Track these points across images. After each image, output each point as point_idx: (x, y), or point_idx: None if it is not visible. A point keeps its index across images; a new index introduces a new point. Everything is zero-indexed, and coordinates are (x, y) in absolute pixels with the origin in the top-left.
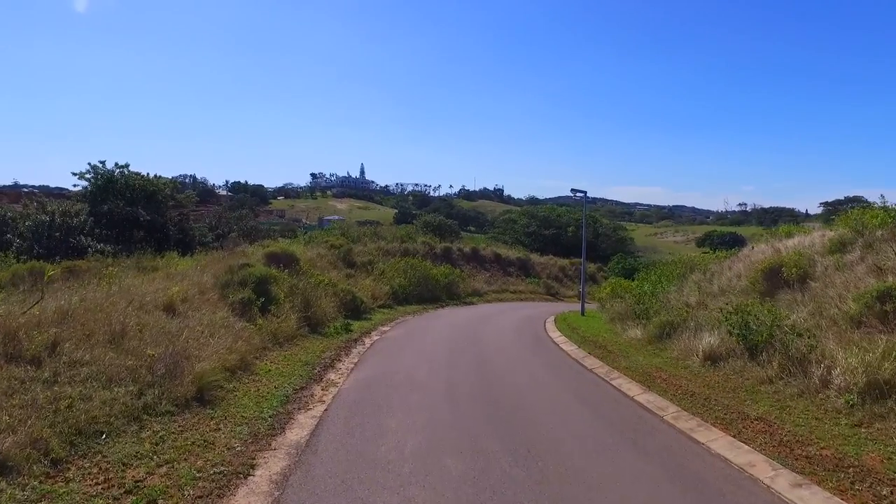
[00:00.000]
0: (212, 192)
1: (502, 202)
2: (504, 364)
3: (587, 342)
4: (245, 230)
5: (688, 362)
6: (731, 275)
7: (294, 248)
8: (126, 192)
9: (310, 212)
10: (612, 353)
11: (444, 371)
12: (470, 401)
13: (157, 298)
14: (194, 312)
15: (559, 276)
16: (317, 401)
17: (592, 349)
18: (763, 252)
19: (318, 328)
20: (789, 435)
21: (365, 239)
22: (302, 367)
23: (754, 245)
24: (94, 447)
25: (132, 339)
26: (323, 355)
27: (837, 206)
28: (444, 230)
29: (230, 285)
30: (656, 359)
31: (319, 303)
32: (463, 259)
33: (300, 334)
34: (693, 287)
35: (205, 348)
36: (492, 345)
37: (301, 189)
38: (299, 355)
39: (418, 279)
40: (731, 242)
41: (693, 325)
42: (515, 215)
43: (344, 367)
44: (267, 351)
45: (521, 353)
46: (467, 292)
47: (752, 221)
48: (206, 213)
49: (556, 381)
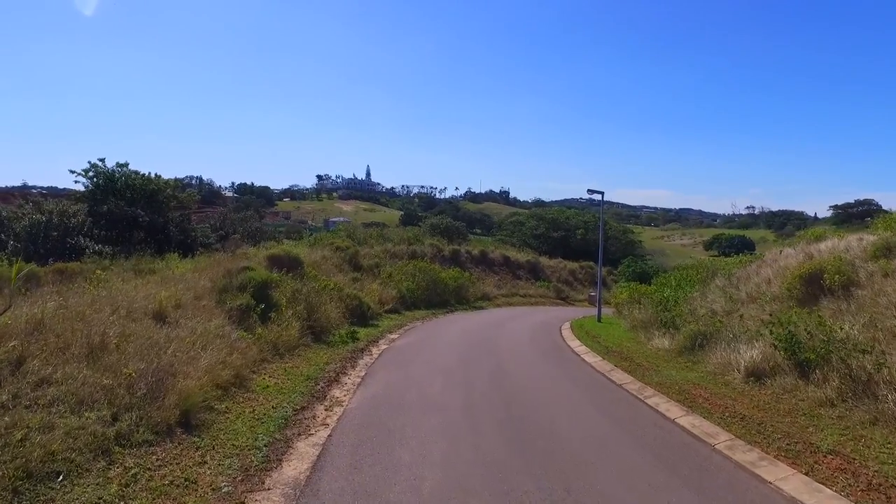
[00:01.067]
0: (218, 193)
1: (508, 204)
2: (525, 379)
3: (611, 353)
4: (249, 232)
5: (727, 378)
6: (758, 280)
7: (298, 250)
8: (126, 192)
9: (315, 213)
10: (641, 365)
11: (460, 387)
12: (493, 426)
13: (146, 305)
14: (187, 320)
15: (569, 279)
16: (319, 424)
17: (618, 361)
18: (792, 256)
19: (323, 336)
20: (878, 476)
21: (371, 241)
22: (304, 383)
23: (782, 249)
24: (44, 494)
25: (112, 353)
26: (327, 368)
27: (848, 210)
28: (451, 232)
29: (228, 290)
30: (691, 373)
31: (324, 309)
32: (472, 262)
33: (303, 344)
34: (718, 293)
35: (195, 362)
36: (508, 355)
37: (307, 191)
38: (301, 368)
39: (427, 283)
40: (740, 246)
41: (727, 335)
42: (523, 217)
43: (350, 382)
44: (266, 363)
45: (541, 366)
46: (476, 296)
47: (760, 225)
48: (212, 213)
49: (585, 400)
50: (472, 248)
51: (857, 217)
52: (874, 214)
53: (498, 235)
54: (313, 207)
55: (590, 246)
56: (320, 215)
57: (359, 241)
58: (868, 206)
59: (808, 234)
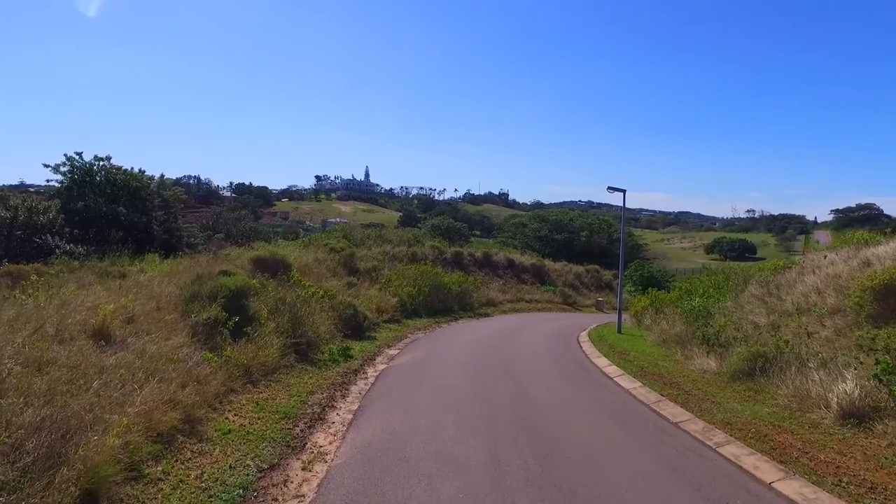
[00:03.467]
0: (216, 193)
1: (507, 207)
2: (554, 413)
3: (647, 375)
4: (243, 232)
5: (811, 417)
6: (804, 289)
7: (287, 251)
8: (106, 188)
9: (314, 214)
10: (691, 394)
11: (479, 430)
12: (530, 495)
13: (87, 319)
14: (137, 339)
15: (575, 283)
16: (292, 496)
17: (662, 387)
18: (840, 263)
19: (310, 354)
20: None
21: (369, 242)
22: (279, 423)
23: (826, 254)
24: None
25: (9, 394)
26: (311, 399)
27: (849, 214)
28: (452, 234)
29: (197, 299)
30: (760, 408)
31: (312, 320)
32: (475, 265)
33: (285, 365)
34: (756, 303)
35: (129, 402)
36: (528, 378)
37: (305, 191)
38: (279, 400)
39: (429, 288)
40: (742, 249)
41: (791, 357)
42: (525, 219)
43: (339, 421)
44: (233, 395)
45: (570, 393)
46: (481, 302)
47: (760, 228)
48: (207, 213)
49: (638, 448)
50: (476, 251)
51: (858, 221)
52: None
53: (499, 237)
54: (311, 208)
55: (594, 248)
56: (318, 216)
57: (356, 243)
58: (869, 210)
59: (854, 238)
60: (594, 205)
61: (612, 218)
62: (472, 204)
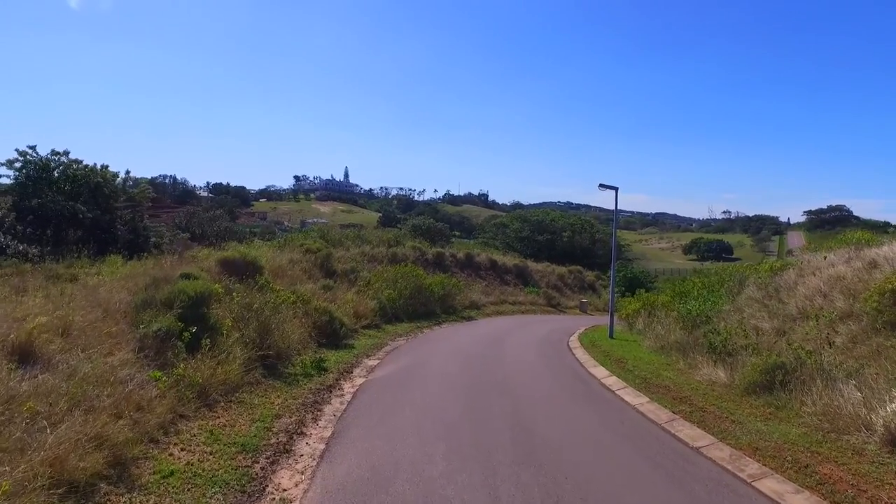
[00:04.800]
0: (192, 193)
1: (487, 207)
2: (561, 439)
3: (651, 387)
4: (218, 232)
5: (850, 440)
6: (807, 292)
7: (258, 252)
8: (64, 185)
9: (292, 214)
10: (706, 411)
11: (475, 464)
12: None
13: (7, 335)
14: (71, 356)
15: (558, 284)
16: None
17: (671, 403)
18: (843, 263)
19: (279, 367)
20: None
21: (347, 243)
22: (235, 459)
23: (826, 255)
24: None
25: None
26: (277, 424)
27: (821, 215)
28: (433, 234)
29: (150, 307)
30: (787, 427)
31: (283, 329)
32: (457, 266)
33: (249, 382)
34: (756, 306)
35: (34, 445)
36: (525, 395)
37: (284, 191)
38: (239, 426)
39: (411, 291)
40: (719, 250)
41: (814, 370)
42: (507, 219)
43: (308, 452)
44: (183, 422)
45: (572, 410)
46: (464, 305)
47: (736, 229)
48: (181, 212)
49: (663, 485)
50: (458, 252)
51: (830, 223)
52: (846, 220)
53: (480, 238)
54: (290, 208)
55: (576, 249)
56: (297, 216)
57: (333, 243)
58: (840, 211)
59: (853, 238)
60: (573, 205)
61: (593, 218)
62: (451, 204)
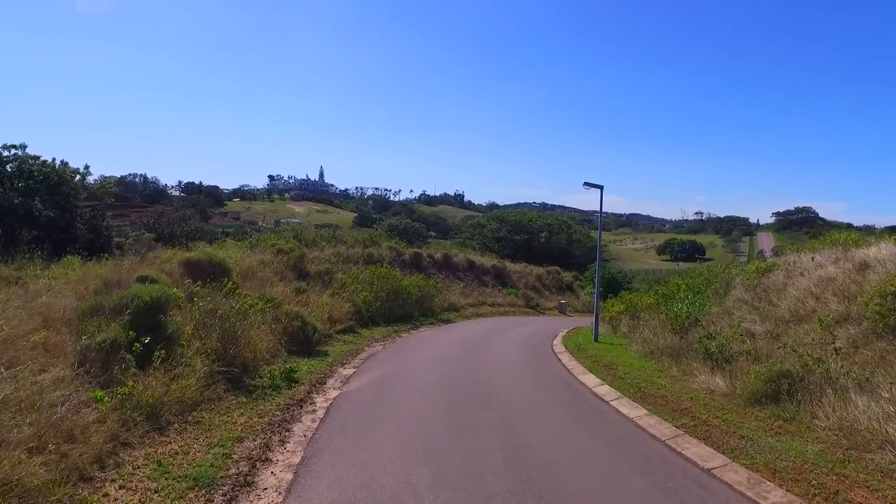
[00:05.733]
0: (163, 192)
1: (463, 208)
2: (559, 460)
3: (647, 397)
4: (188, 232)
5: (874, 458)
6: (798, 294)
7: (226, 253)
8: (17, 181)
9: (266, 214)
10: (710, 425)
11: (466, 494)
12: None
13: None
14: None
15: (536, 285)
16: None
17: (672, 416)
18: (832, 265)
19: (245, 379)
20: None
21: (322, 243)
22: (183, 499)
23: (813, 256)
24: None
25: None
26: (238, 450)
27: (789, 217)
28: (410, 234)
29: (98, 314)
30: (801, 444)
31: (249, 336)
32: (434, 267)
33: (210, 398)
34: (745, 309)
35: None
36: (514, 407)
37: (258, 191)
38: (193, 453)
39: (387, 293)
40: (692, 251)
41: (822, 378)
42: (484, 220)
43: (273, 485)
44: (127, 450)
45: (569, 429)
46: (442, 307)
47: (708, 230)
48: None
49: None
50: (435, 252)
51: (797, 224)
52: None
53: (457, 238)
54: (264, 208)
55: (553, 249)
56: (271, 216)
57: (307, 243)
58: (807, 213)
59: (839, 239)
60: (547, 206)
61: (569, 219)
62: (427, 205)
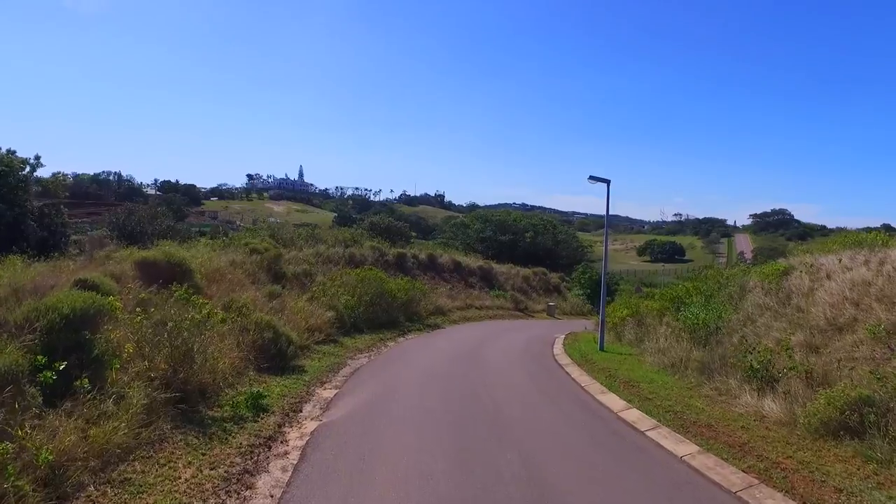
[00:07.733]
0: (138, 190)
1: (444, 208)
2: None
3: (689, 426)
4: (160, 231)
5: None
6: (830, 300)
7: (188, 253)
8: None
9: (245, 214)
10: (785, 468)
11: None
12: None
13: None
14: None
15: (524, 287)
16: None
17: (731, 454)
18: (863, 266)
19: (200, 409)
20: None
21: (300, 242)
22: None
23: (840, 258)
24: None
25: None
26: None
27: (765, 218)
28: (393, 233)
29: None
30: None
31: (207, 353)
32: (419, 268)
33: (149, 440)
34: (769, 315)
35: None
36: (536, 445)
37: (236, 190)
38: None
39: (371, 297)
40: (672, 252)
41: None
42: (467, 219)
43: None
44: None
45: (606, 472)
46: (429, 311)
47: (687, 231)
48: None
49: None
50: (420, 253)
51: (773, 225)
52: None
53: (439, 239)
54: (243, 207)
55: (538, 250)
56: (250, 216)
57: (284, 243)
58: (782, 215)
59: (865, 239)
60: (528, 207)
61: (554, 219)
62: (408, 205)
